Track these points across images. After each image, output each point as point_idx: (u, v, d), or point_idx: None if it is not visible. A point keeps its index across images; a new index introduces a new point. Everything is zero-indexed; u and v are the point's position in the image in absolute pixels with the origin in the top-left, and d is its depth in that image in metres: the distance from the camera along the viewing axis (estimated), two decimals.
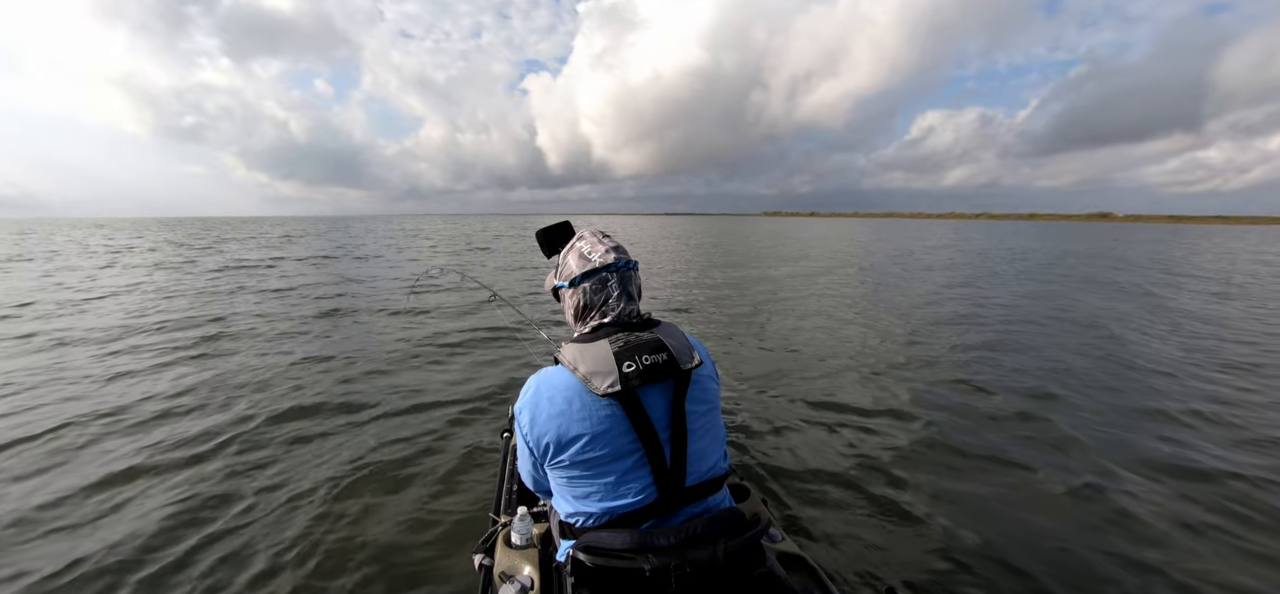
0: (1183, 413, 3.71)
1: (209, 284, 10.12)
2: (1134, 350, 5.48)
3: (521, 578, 1.37)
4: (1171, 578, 2.12)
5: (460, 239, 28.93)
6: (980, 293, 9.76)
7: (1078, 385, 4.36)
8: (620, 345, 1.12)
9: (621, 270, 1.24)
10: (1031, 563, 2.18)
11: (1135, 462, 3.01)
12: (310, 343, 5.64)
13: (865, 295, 9.46)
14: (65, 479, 2.77)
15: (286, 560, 2.17)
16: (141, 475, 2.84)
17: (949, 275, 12.72)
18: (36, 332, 6.02)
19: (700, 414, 1.17)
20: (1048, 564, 2.18)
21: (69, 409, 3.66)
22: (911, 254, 19.75)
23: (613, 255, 1.25)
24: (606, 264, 1.23)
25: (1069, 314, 7.63)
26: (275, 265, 13.64)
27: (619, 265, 1.24)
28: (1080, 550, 2.28)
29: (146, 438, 3.28)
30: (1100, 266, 15.34)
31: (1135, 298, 9.30)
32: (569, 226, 1.43)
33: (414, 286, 8.94)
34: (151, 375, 4.49)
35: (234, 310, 7.48)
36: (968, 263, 16.43)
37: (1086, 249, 24.41)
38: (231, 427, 3.41)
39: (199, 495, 2.65)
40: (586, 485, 1.15)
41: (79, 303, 8.00)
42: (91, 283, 10.24)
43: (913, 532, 2.38)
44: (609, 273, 1.23)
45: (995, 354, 5.35)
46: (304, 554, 2.21)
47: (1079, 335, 6.29)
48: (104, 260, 14.83)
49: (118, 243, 23.35)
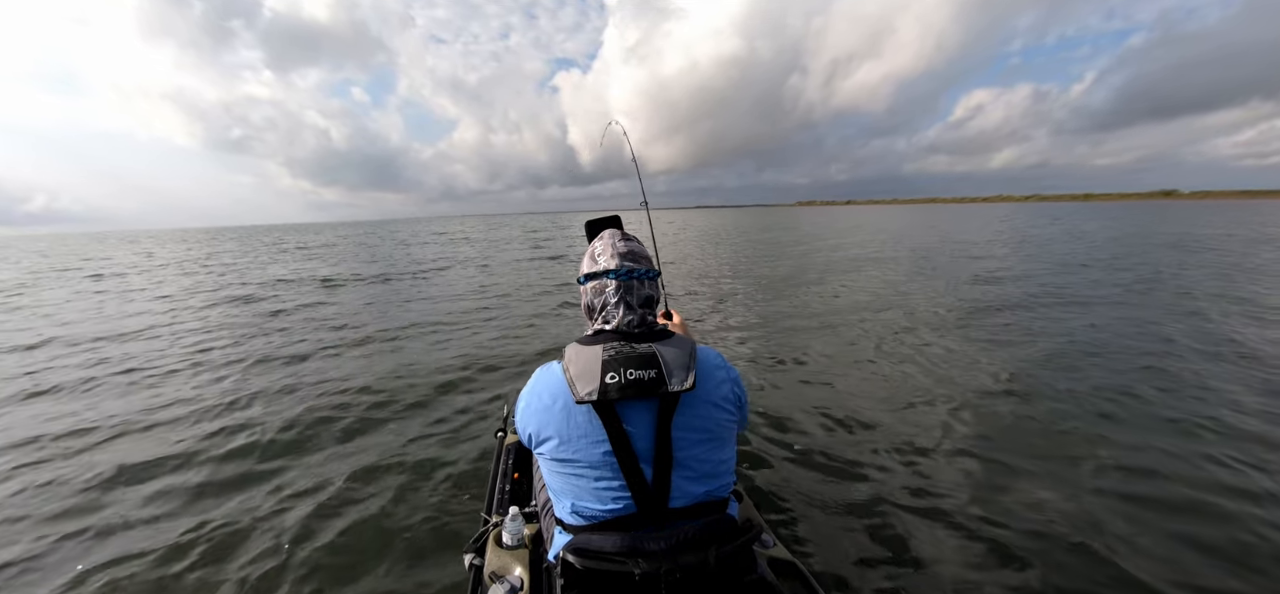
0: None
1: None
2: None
3: (511, 578, 1.38)
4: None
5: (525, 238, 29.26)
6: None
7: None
8: (611, 354, 1.10)
9: (621, 278, 1.19)
10: (1033, 561, 2.09)
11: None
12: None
13: (873, 286, 9.12)
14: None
15: (279, 556, 2.22)
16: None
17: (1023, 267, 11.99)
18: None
19: (692, 441, 1.12)
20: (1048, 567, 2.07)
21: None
22: (962, 243, 18.87)
23: (614, 261, 1.21)
24: (607, 269, 1.21)
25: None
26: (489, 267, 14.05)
27: (619, 273, 1.20)
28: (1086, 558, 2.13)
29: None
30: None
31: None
32: (617, 221, 1.40)
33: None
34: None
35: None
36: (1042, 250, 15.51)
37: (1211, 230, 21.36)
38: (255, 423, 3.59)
39: (190, 488, 2.78)
40: (565, 482, 1.16)
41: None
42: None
43: (914, 537, 2.27)
44: (607, 278, 1.20)
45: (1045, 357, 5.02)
46: (295, 550, 2.26)
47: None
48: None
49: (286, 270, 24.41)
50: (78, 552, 2.34)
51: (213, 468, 3.06)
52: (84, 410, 3.99)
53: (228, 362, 5.22)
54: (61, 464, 3.13)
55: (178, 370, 4.98)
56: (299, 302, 8.95)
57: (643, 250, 1.27)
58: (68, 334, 6.72)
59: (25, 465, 3.12)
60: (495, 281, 11.03)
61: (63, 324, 7.46)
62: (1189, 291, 7.82)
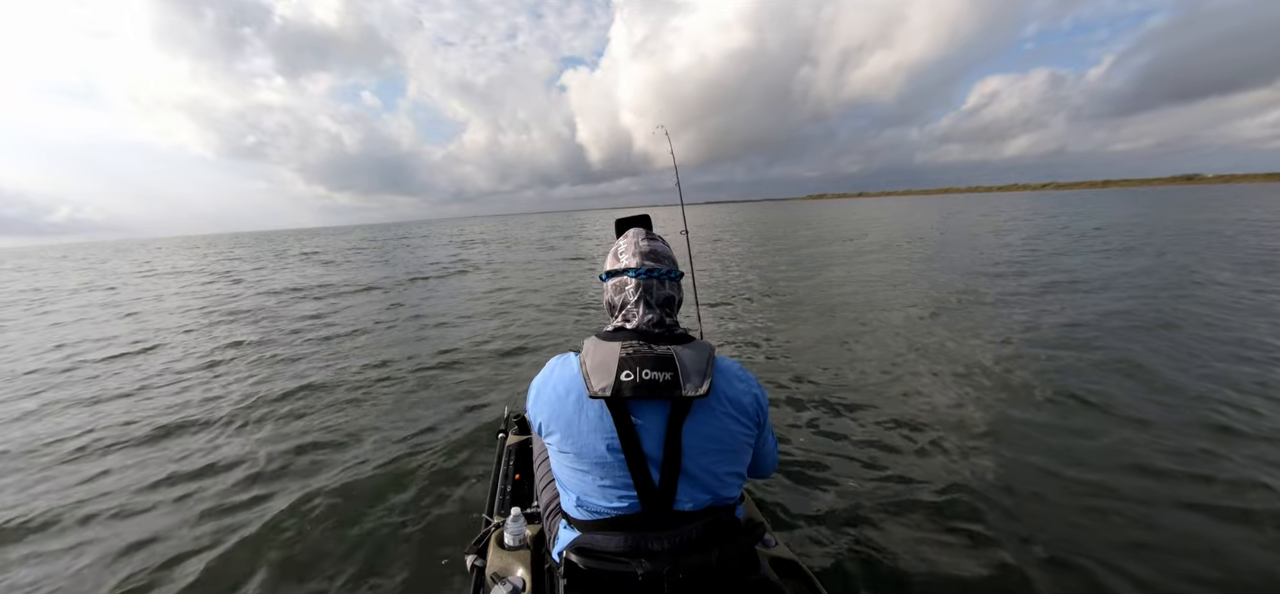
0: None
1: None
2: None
3: (513, 579, 1.36)
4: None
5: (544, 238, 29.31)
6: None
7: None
8: (629, 352, 1.09)
9: (641, 277, 1.19)
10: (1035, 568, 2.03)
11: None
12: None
13: (882, 278, 8.99)
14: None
15: (277, 556, 2.24)
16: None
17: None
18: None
19: (702, 449, 1.11)
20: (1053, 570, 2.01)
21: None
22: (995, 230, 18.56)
23: (635, 259, 1.21)
24: (627, 267, 1.21)
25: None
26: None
27: (638, 272, 1.19)
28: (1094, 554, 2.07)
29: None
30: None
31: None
32: (646, 220, 1.40)
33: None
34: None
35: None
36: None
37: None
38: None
39: (180, 473, 2.84)
40: (572, 476, 1.16)
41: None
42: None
43: (914, 539, 2.22)
44: (628, 275, 1.20)
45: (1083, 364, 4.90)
46: (292, 549, 2.28)
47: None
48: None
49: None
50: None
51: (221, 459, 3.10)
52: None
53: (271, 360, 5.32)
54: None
55: (195, 376, 5.07)
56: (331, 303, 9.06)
57: (666, 251, 1.26)
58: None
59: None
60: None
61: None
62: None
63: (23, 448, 3.49)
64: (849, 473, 2.73)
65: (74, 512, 2.71)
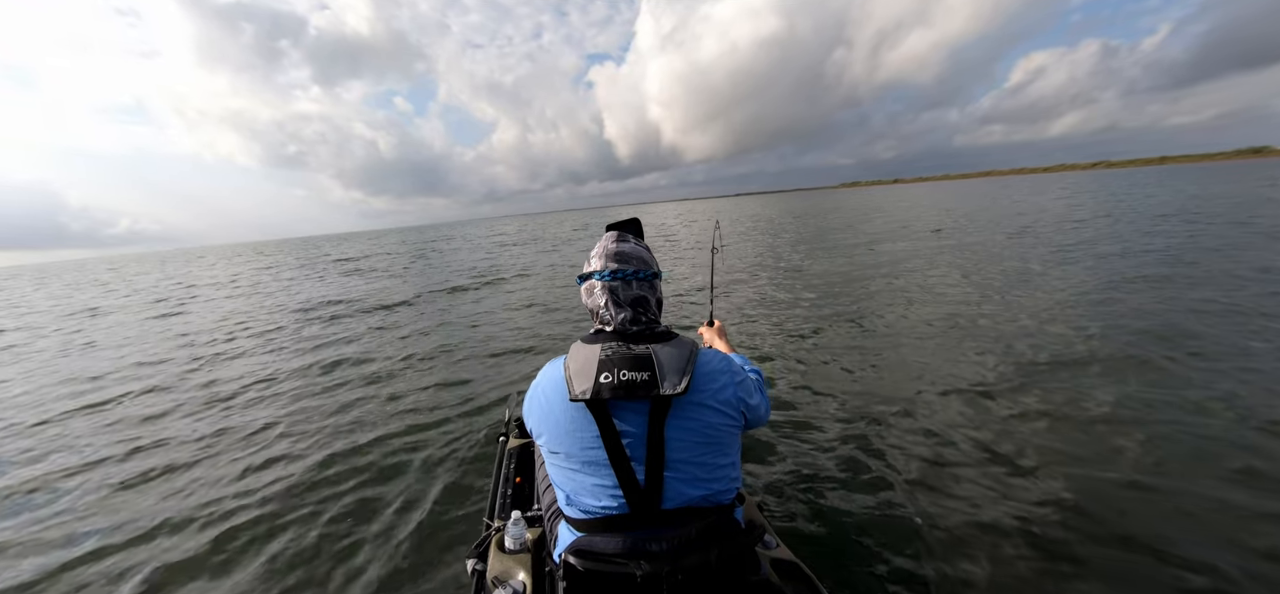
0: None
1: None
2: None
3: (514, 583, 1.37)
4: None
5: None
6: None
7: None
8: (607, 354, 1.11)
9: (606, 279, 1.21)
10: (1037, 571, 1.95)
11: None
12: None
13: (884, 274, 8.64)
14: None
15: (276, 557, 2.29)
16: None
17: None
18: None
19: (686, 444, 1.12)
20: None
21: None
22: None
23: (602, 262, 1.23)
24: (594, 270, 1.23)
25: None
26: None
27: (603, 274, 1.21)
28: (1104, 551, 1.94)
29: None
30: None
31: None
32: (636, 223, 1.43)
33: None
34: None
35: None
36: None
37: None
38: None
39: (172, 466, 2.95)
40: (564, 477, 1.19)
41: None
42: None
43: (915, 540, 2.15)
44: (595, 278, 1.23)
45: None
46: (292, 552, 2.33)
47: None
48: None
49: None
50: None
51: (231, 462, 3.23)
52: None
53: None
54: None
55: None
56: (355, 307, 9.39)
57: (637, 252, 1.27)
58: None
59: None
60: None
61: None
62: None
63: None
64: (855, 473, 2.65)
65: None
